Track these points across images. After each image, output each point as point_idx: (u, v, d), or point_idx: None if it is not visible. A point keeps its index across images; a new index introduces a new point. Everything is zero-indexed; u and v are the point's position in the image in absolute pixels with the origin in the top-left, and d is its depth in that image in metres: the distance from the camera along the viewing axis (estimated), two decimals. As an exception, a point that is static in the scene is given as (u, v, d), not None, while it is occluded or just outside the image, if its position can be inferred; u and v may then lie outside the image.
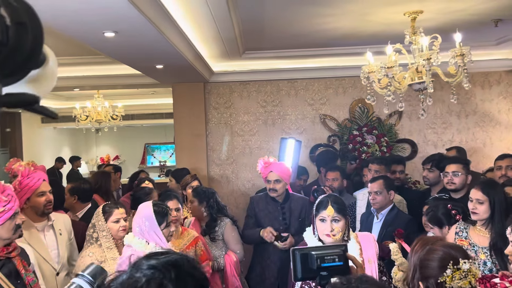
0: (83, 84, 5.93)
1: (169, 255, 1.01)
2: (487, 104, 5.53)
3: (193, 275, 0.98)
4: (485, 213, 2.64)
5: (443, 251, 1.64)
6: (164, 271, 0.94)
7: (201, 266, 1.04)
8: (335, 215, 2.31)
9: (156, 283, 0.92)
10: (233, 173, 5.73)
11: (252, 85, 5.69)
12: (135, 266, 0.96)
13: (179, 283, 0.93)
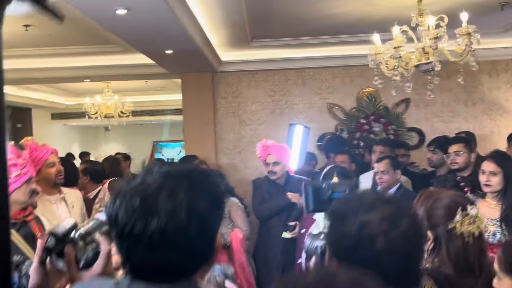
0: (93, 74, 6.02)
1: (184, 164, 1.00)
2: (494, 93, 5.53)
3: (207, 188, 0.93)
4: (499, 184, 2.66)
5: (450, 199, 1.67)
6: (177, 178, 0.90)
7: (217, 181, 0.99)
8: None
9: (167, 190, 0.87)
10: (241, 162, 5.78)
11: (260, 75, 5.75)
12: (148, 171, 0.92)
13: (191, 193, 0.88)
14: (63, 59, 5.67)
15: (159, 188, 0.87)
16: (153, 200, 0.86)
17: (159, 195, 0.86)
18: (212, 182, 0.96)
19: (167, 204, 0.85)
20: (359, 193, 1.10)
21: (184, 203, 0.86)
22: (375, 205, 1.03)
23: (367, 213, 1.02)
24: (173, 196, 0.86)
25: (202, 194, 0.90)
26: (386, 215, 1.01)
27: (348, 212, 1.04)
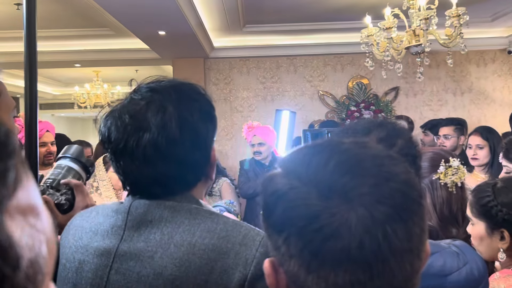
0: (84, 58, 5.98)
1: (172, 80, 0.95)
2: (482, 82, 5.64)
3: (197, 100, 0.92)
4: (486, 157, 2.73)
5: (433, 152, 1.73)
6: (165, 93, 0.88)
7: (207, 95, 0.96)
8: None
9: (156, 105, 0.86)
10: (232, 148, 5.80)
11: (251, 61, 5.78)
12: (135, 90, 0.91)
13: (180, 106, 0.87)
14: (53, 42, 5.62)
15: (148, 103, 0.87)
16: (142, 115, 0.86)
17: (148, 110, 0.86)
18: (201, 95, 0.94)
19: (157, 117, 0.85)
20: (353, 122, 1.13)
21: (174, 116, 0.86)
22: (370, 129, 1.06)
23: (363, 136, 1.05)
24: (162, 110, 0.86)
25: (191, 107, 0.89)
26: (383, 136, 1.04)
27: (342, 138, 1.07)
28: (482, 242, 1.36)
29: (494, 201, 1.31)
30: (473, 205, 1.38)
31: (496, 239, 1.32)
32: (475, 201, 1.36)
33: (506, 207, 1.30)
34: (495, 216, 1.30)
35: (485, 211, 1.33)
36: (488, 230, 1.34)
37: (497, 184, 1.33)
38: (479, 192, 1.36)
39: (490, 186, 1.34)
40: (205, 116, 0.92)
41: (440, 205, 1.67)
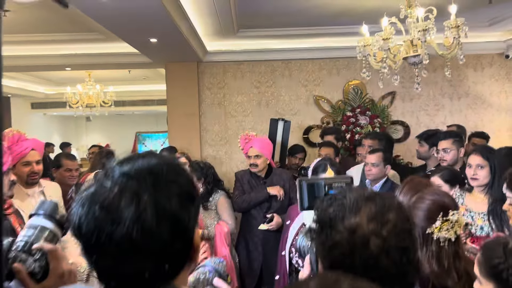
0: (74, 62, 5.85)
1: (147, 158, 0.85)
2: (479, 87, 5.57)
3: (175, 181, 0.83)
4: (486, 178, 2.65)
5: (432, 201, 1.62)
6: (139, 178, 0.80)
7: (186, 172, 0.88)
8: None
9: (129, 193, 0.78)
10: (226, 154, 5.71)
11: (246, 65, 5.67)
12: (106, 174, 0.83)
13: (157, 192, 0.80)
14: (43, 46, 5.50)
15: (121, 191, 0.79)
16: (115, 206, 0.78)
17: (121, 199, 0.78)
18: (181, 175, 0.86)
19: (130, 208, 0.77)
20: (337, 195, 1.05)
21: (149, 205, 0.78)
22: (359, 205, 0.99)
23: (353, 216, 0.98)
24: (136, 199, 0.78)
25: (170, 192, 0.81)
26: (373, 213, 0.97)
27: (333, 218, 1.00)
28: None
29: (505, 263, 1.23)
30: (482, 264, 1.30)
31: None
32: (484, 261, 1.28)
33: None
34: (506, 279, 1.22)
35: (495, 273, 1.25)
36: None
37: (508, 245, 1.25)
38: (489, 251, 1.28)
39: (501, 247, 1.25)
40: (185, 200, 0.84)
41: (428, 260, 1.58)
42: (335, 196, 1.05)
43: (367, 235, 0.95)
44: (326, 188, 1.32)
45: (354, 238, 0.95)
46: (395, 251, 0.95)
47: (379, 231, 0.95)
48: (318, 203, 1.07)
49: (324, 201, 1.05)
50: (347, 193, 1.03)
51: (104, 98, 8.64)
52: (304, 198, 1.35)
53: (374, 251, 0.94)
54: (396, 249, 0.95)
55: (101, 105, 8.74)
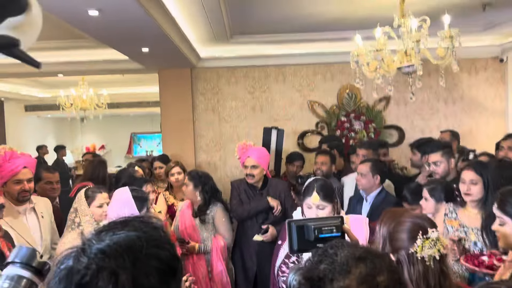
0: (67, 69, 5.81)
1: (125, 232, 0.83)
2: (474, 91, 5.55)
3: (155, 257, 0.82)
4: (479, 193, 2.63)
5: (411, 222, 1.64)
6: (117, 256, 0.78)
7: (168, 244, 0.87)
8: (319, 202, 2.32)
9: (108, 272, 0.77)
10: (221, 159, 5.69)
11: (239, 71, 5.63)
12: (83, 250, 0.81)
13: (136, 270, 0.78)
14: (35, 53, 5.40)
15: (98, 270, 0.77)
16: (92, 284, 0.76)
17: (98, 280, 0.76)
18: (162, 248, 0.84)
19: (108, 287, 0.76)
20: (329, 249, 1.02)
21: (127, 284, 0.77)
22: (349, 265, 0.97)
23: (344, 277, 0.96)
24: (114, 279, 0.76)
25: (148, 268, 0.80)
26: (363, 276, 0.95)
27: (322, 278, 0.98)
28: None
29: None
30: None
31: None
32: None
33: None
34: None
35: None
36: None
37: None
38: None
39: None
40: (166, 274, 0.82)
41: (416, 280, 1.59)
42: (327, 250, 1.02)
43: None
44: (316, 232, 1.29)
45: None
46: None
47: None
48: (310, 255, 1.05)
49: (316, 256, 1.03)
50: (339, 250, 1.01)
51: (98, 101, 8.58)
52: (294, 241, 1.33)
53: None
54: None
55: (95, 108, 8.69)
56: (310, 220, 1.34)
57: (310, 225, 1.31)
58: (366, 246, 1.05)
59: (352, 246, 1.03)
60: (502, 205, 2.00)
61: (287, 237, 1.34)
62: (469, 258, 2.37)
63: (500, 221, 2.02)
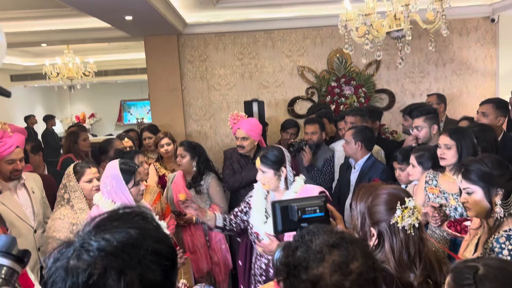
0: (51, 39, 5.65)
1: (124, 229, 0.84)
2: (464, 52, 5.50)
3: (157, 252, 0.84)
4: (453, 157, 2.68)
5: (388, 194, 1.67)
6: (123, 256, 0.80)
7: (165, 237, 0.89)
8: (260, 167, 2.58)
9: (116, 271, 0.79)
10: (211, 128, 5.66)
11: (227, 37, 5.51)
12: (83, 246, 0.81)
13: (143, 267, 0.81)
14: (17, 23, 5.27)
15: (105, 269, 0.79)
16: (101, 284, 0.78)
17: (107, 278, 0.78)
18: (161, 242, 0.87)
19: (118, 286, 0.78)
20: (304, 236, 1.03)
21: (136, 281, 0.80)
22: (323, 253, 0.98)
23: (317, 265, 0.97)
24: (124, 277, 0.79)
25: (154, 264, 0.83)
26: (337, 264, 0.96)
27: (297, 266, 0.99)
28: None
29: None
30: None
31: None
32: (454, 286, 1.28)
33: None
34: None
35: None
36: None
37: (478, 271, 1.24)
38: (459, 278, 1.27)
39: (471, 273, 1.25)
40: (168, 268, 0.86)
41: (398, 250, 1.64)
42: (304, 236, 1.03)
43: (329, 287, 0.94)
44: (299, 213, 1.30)
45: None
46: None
47: (342, 282, 0.94)
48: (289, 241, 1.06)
49: (292, 241, 1.04)
50: (315, 237, 1.01)
51: (84, 70, 8.42)
52: (278, 221, 1.35)
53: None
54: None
55: (82, 77, 8.53)
56: (293, 200, 1.35)
57: (294, 205, 1.33)
58: (341, 232, 1.05)
59: (327, 232, 1.03)
60: (467, 175, 2.01)
61: (272, 218, 1.35)
62: (452, 224, 2.42)
63: (467, 191, 2.03)
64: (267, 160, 2.58)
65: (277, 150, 2.64)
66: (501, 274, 1.23)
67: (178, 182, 3.70)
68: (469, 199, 2.03)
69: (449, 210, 2.70)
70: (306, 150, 3.93)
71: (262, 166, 2.59)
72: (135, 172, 2.67)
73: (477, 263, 1.27)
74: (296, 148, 4.02)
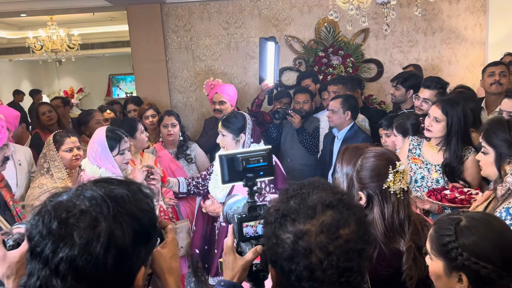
0: (30, 8, 5.46)
1: (119, 188, 0.88)
2: (453, 20, 5.40)
3: (137, 218, 0.86)
4: (439, 132, 2.61)
5: (375, 158, 1.64)
6: (103, 205, 0.83)
7: (151, 212, 0.91)
8: (221, 129, 2.73)
9: (89, 217, 0.82)
10: (197, 100, 5.57)
11: (212, 5, 5.37)
12: (80, 189, 0.87)
13: (115, 224, 0.82)
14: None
15: (81, 213, 0.82)
16: (70, 227, 0.81)
17: (78, 222, 0.81)
18: (145, 211, 0.89)
19: (84, 233, 0.80)
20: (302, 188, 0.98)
21: (103, 234, 0.81)
22: (316, 210, 0.93)
23: (305, 221, 0.92)
24: (93, 225, 0.81)
25: (128, 225, 0.84)
26: (326, 225, 0.91)
27: (286, 215, 0.95)
28: (440, 280, 1.28)
29: (455, 242, 1.21)
30: (433, 241, 1.28)
31: (453, 281, 1.24)
32: (436, 238, 1.25)
33: (466, 251, 1.19)
34: (455, 258, 1.20)
35: (444, 251, 1.23)
36: (446, 270, 1.24)
37: (460, 222, 1.22)
38: (440, 229, 1.25)
39: (453, 224, 1.22)
40: (141, 238, 0.86)
41: (390, 214, 1.60)
42: (301, 188, 0.98)
43: (311, 246, 0.90)
44: (244, 163, 1.35)
45: (298, 244, 0.91)
46: (335, 269, 0.90)
47: (326, 245, 0.90)
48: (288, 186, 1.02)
49: (290, 188, 1.00)
50: (312, 191, 0.96)
51: (69, 42, 8.24)
52: (225, 172, 1.39)
53: (313, 264, 0.90)
54: (337, 268, 0.90)
55: (67, 50, 8.36)
56: (239, 152, 1.40)
57: (238, 156, 1.37)
58: (342, 194, 0.99)
59: (327, 190, 0.97)
60: (487, 136, 1.99)
61: (220, 170, 1.38)
62: (431, 193, 2.40)
63: (483, 149, 2.03)
64: (229, 124, 2.71)
65: (240, 115, 2.76)
66: (483, 227, 1.20)
67: (164, 154, 3.67)
68: (483, 158, 2.02)
69: (430, 182, 2.66)
70: (292, 114, 3.91)
71: (223, 129, 2.72)
72: (121, 141, 2.68)
73: (461, 215, 1.24)
74: (282, 114, 3.99)
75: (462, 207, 2.22)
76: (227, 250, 1.27)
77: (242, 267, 1.23)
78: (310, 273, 0.90)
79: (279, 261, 0.94)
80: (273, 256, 0.96)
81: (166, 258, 1.09)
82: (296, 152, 4.12)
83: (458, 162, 2.53)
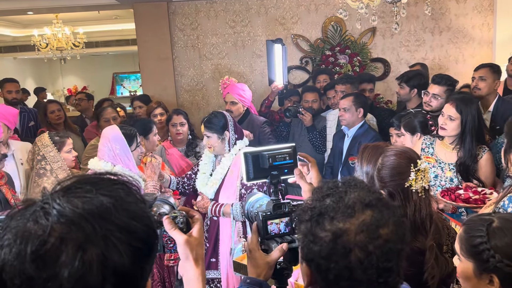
0: (37, 6, 5.46)
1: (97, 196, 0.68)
2: (461, 20, 5.38)
3: (130, 230, 0.68)
4: (454, 130, 2.59)
5: (395, 157, 1.61)
6: (86, 227, 0.64)
7: (145, 214, 0.73)
8: (205, 132, 2.76)
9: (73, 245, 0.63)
10: (204, 99, 5.56)
11: (219, 4, 5.36)
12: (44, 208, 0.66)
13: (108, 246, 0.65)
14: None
15: (61, 240, 0.63)
16: (52, 259, 0.62)
17: (61, 253, 0.62)
18: (139, 219, 0.70)
19: (72, 265, 0.62)
20: (338, 186, 0.97)
21: (96, 262, 0.63)
22: (355, 209, 0.91)
23: (345, 219, 0.91)
24: (81, 254, 0.63)
25: (122, 244, 0.66)
26: (366, 224, 0.90)
27: (324, 213, 0.93)
28: (469, 281, 1.25)
29: (487, 244, 1.19)
30: (462, 241, 1.26)
31: (484, 282, 1.21)
32: (466, 239, 1.23)
33: (499, 252, 1.16)
34: (486, 260, 1.18)
35: (475, 252, 1.21)
36: (476, 272, 1.22)
37: (492, 224, 1.20)
38: (471, 229, 1.22)
39: (485, 225, 1.20)
40: (140, 253, 0.70)
41: (411, 213, 1.58)
42: (338, 186, 0.97)
43: (351, 246, 0.89)
44: (270, 160, 1.35)
45: (337, 243, 0.90)
46: (374, 269, 0.89)
47: (366, 244, 0.88)
48: (321, 184, 1.01)
49: (325, 187, 0.98)
50: (350, 190, 0.95)
51: (74, 40, 8.23)
52: (250, 170, 1.38)
53: (353, 263, 0.89)
54: (377, 269, 0.89)
55: (72, 48, 8.36)
56: (264, 150, 1.39)
57: (265, 154, 1.37)
58: (379, 193, 0.98)
59: (365, 189, 0.96)
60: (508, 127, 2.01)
61: (244, 168, 1.36)
62: (445, 193, 2.38)
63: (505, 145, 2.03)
64: (211, 125, 2.73)
65: (220, 114, 2.80)
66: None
67: (174, 152, 3.67)
68: None
69: (444, 181, 2.65)
70: (303, 112, 3.90)
71: (206, 131, 2.74)
72: (137, 135, 2.74)
73: (493, 216, 1.22)
74: (293, 112, 3.98)
75: (476, 207, 2.21)
76: (252, 248, 1.26)
77: (268, 264, 1.22)
78: (350, 272, 0.89)
79: (316, 259, 0.92)
80: (309, 254, 0.94)
81: (193, 246, 1.08)
82: (303, 151, 4.09)
83: (472, 161, 2.52)
